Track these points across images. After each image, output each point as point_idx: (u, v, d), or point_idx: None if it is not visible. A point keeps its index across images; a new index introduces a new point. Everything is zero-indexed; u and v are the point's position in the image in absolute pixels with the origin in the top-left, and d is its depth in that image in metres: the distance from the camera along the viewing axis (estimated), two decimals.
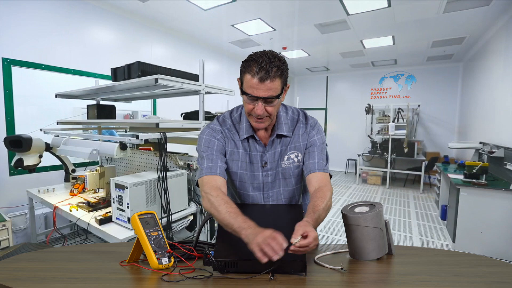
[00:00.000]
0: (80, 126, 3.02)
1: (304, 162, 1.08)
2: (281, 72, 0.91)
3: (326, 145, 1.14)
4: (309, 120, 1.12)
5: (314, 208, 0.91)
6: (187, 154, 2.30)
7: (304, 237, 0.76)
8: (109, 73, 2.32)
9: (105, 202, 2.10)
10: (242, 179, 1.09)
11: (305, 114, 1.14)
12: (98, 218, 1.79)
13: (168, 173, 1.89)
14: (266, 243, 0.74)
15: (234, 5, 3.65)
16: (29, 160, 2.36)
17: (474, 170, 3.26)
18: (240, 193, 1.10)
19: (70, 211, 2.02)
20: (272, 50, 0.95)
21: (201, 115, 2.04)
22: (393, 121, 6.42)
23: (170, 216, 1.87)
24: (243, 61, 0.95)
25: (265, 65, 0.88)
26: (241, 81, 0.96)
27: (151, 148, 2.53)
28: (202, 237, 2.14)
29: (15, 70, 2.90)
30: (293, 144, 1.09)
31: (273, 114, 0.98)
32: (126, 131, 3.16)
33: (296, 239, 0.76)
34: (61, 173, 2.91)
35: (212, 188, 0.96)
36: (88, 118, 2.62)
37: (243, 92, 0.94)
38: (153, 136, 1.75)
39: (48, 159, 2.79)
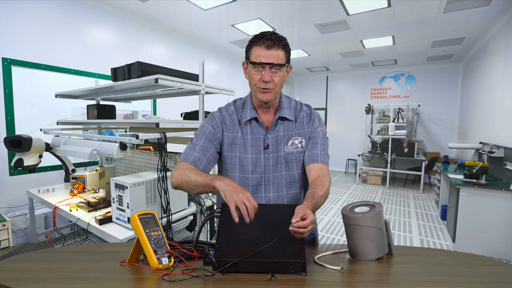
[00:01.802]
0: (80, 126, 3.01)
1: (307, 151, 1.12)
2: (284, 45, 1.00)
3: (327, 138, 1.18)
4: (312, 110, 1.19)
5: (313, 195, 0.95)
6: None
7: (303, 219, 0.81)
8: (109, 73, 2.32)
9: (105, 202, 2.10)
10: (242, 162, 1.10)
11: (309, 105, 1.20)
12: (98, 218, 1.79)
13: (168, 173, 1.89)
14: (243, 203, 0.82)
15: (234, 5, 3.65)
16: (29, 160, 2.36)
17: (474, 170, 3.26)
18: (240, 176, 1.12)
19: (70, 211, 2.02)
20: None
21: (201, 115, 2.04)
22: (393, 121, 6.43)
23: (170, 216, 1.87)
24: (248, 41, 1.03)
25: (270, 36, 0.98)
26: (247, 58, 1.04)
27: (151, 148, 2.53)
28: (202, 237, 2.14)
29: (15, 70, 2.90)
30: (297, 130, 1.13)
31: (279, 86, 1.04)
32: (126, 131, 3.16)
33: (296, 219, 0.80)
34: (61, 173, 2.91)
35: (183, 164, 1.04)
36: (88, 118, 2.62)
37: (251, 63, 1.01)
38: (153, 136, 1.75)
39: (48, 159, 2.79)
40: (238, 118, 1.13)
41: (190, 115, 2.36)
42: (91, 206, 2.04)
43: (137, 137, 1.66)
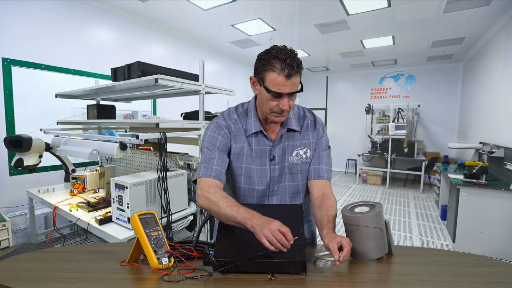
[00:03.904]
0: (80, 126, 3.01)
1: (312, 164, 1.11)
2: (300, 67, 0.95)
3: (330, 147, 1.16)
4: (316, 117, 1.17)
5: (328, 218, 0.96)
6: (187, 154, 2.30)
7: (340, 248, 0.83)
8: (109, 73, 2.32)
9: (105, 202, 2.10)
10: (248, 173, 1.09)
11: (311, 111, 1.18)
12: (98, 218, 1.79)
13: (168, 173, 1.89)
14: (274, 239, 0.78)
15: (234, 5, 3.65)
16: (29, 160, 2.36)
17: (474, 170, 3.26)
18: (245, 187, 1.10)
19: (70, 211, 2.02)
20: (285, 45, 0.96)
21: (201, 115, 2.04)
22: (393, 121, 6.43)
23: (170, 216, 1.87)
24: (261, 59, 0.95)
25: (290, 61, 0.90)
26: (260, 79, 0.96)
27: (151, 148, 2.53)
28: (202, 237, 2.14)
29: (15, 70, 2.90)
30: (303, 141, 1.11)
31: (291, 107, 1.02)
32: (126, 131, 3.16)
33: (336, 256, 0.81)
34: (61, 173, 2.91)
35: (209, 186, 0.98)
36: (88, 118, 2.62)
37: (268, 91, 0.93)
38: (153, 136, 1.75)
39: (48, 159, 2.79)
40: (243, 127, 1.10)
41: (190, 115, 2.36)
42: (91, 206, 2.04)
43: (137, 137, 1.66)
